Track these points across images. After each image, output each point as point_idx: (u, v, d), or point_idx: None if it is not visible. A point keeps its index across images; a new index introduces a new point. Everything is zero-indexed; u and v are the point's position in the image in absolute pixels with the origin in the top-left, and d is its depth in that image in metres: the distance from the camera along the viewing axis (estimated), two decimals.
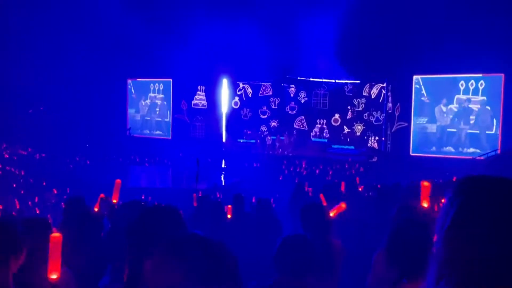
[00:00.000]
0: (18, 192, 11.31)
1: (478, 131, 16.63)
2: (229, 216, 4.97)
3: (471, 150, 16.66)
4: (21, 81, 18.94)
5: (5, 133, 18.43)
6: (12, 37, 18.60)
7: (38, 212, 9.05)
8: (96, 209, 3.80)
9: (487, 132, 16.48)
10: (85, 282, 2.52)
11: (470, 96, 16.82)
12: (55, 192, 11.08)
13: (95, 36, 19.11)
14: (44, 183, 12.56)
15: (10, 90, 19.22)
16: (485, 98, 16.58)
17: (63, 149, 18.21)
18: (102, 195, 3.87)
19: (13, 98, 19.50)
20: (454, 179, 10.49)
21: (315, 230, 2.55)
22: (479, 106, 16.68)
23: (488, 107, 16.53)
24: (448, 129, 17.25)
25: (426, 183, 3.32)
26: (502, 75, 16.13)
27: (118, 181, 3.82)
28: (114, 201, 3.73)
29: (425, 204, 3.16)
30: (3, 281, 1.77)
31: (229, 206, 5.06)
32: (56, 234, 2.10)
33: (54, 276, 2.06)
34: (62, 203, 5.63)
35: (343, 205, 3.69)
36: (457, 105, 17.09)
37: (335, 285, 2.51)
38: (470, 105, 16.82)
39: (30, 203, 10.07)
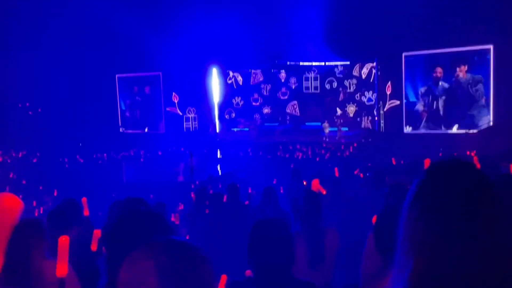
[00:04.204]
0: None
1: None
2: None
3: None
4: (10, 81, 18.76)
5: None
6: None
7: (36, 214, 8.99)
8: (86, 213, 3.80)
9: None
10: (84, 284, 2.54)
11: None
12: (55, 194, 11.00)
13: (82, 33, 18.84)
14: (40, 187, 12.50)
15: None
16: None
17: (57, 149, 18.11)
18: (84, 199, 3.89)
19: (1, 99, 19.33)
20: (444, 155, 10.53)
21: (307, 218, 2.53)
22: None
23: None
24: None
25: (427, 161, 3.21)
26: (491, 46, 16.09)
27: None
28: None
29: None
30: None
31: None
32: (64, 237, 2.21)
33: (61, 275, 2.16)
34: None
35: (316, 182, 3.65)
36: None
37: (329, 273, 2.49)
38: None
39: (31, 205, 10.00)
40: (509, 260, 0.88)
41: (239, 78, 23.05)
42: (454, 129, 16.80)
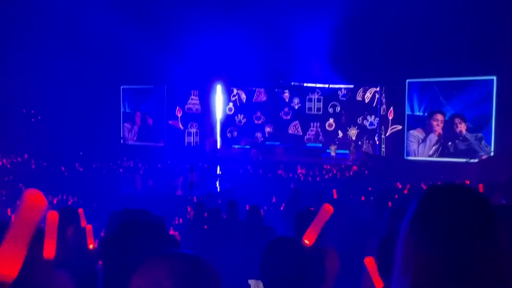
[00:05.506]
0: (11, 201, 11.19)
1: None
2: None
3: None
4: (15, 88, 18.89)
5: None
6: (6, 44, 18.54)
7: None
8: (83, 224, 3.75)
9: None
10: None
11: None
12: (51, 199, 10.95)
13: (89, 44, 19.07)
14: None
15: (3, 97, 19.18)
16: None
17: (57, 156, 18.10)
18: (80, 210, 3.81)
19: (6, 105, 19.43)
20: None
21: None
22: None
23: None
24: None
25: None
26: (494, 77, 16.20)
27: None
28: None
29: None
30: None
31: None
32: (53, 212, 2.10)
33: (49, 256, 2.07)
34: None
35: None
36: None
37: None
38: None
39: None
40: (507, 282, 0.89)
41: (243, 96, 23.17)
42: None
